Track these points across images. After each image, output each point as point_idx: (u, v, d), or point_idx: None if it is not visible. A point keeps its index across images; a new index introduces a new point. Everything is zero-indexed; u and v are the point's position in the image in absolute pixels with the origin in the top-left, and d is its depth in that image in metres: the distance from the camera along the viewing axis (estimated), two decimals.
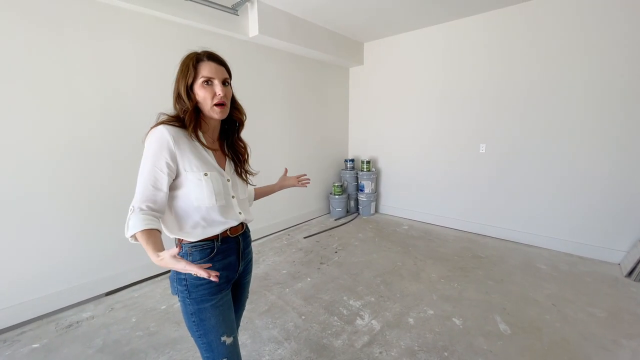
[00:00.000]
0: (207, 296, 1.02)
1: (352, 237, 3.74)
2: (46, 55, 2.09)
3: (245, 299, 1.29)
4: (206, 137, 1.06)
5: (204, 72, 0.97)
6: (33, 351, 1.89)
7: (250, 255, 1.23)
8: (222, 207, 1.04)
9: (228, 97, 1.03)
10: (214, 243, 1.04)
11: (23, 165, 2.06)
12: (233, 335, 1.08)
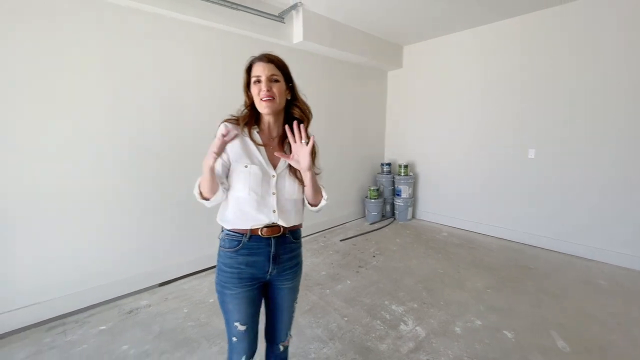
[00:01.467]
0: (228, 284, 1.10)
1: (389, 242, 3.69)
2: (119, 64, 2.31)
3: (286, 307, 1.20)
4: (262, 134, 1.13)
5: (254, 72, 1.07)
6: (101, 332, 2.08)
7: (289, 263, 1.16)
8: (256, 202, 1.07)
9: (277, 92, 1.06)
10: (242, 237, 1.09)
11: (95, 164, 2.30)
12: (247, 325, 1.13)
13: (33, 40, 1.98)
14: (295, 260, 1.18)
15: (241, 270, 1.09)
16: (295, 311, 1.26)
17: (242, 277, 1.09)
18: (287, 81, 1.12)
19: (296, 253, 1.20)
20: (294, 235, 1.18)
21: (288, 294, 1.19)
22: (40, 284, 2.15)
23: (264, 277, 1.13)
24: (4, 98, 1.92)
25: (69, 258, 2.25)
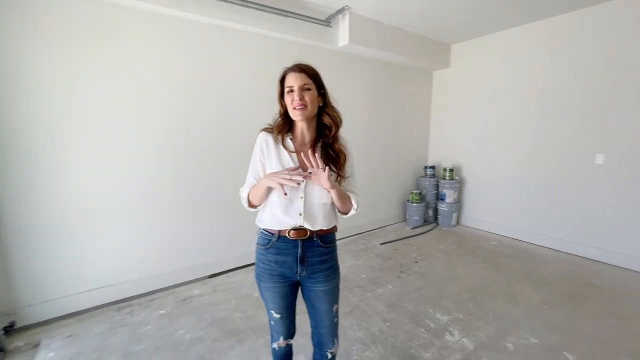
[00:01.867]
0: (262, 278, 1.22)
1: (432, 248, 3.57)
2: (179, 72, 2.54)
3: (324, 310, 1.22)
4: (295, 140, 1.19)
5: (287, 82, 1.13)
6: (161, 316, 2.29)
7: (319, 267, 1.18)
8: (285, 205, 1.13)
9: (309, 100, 1.10)
10: (272, 237, 1.17)
11: (158, 165, 2.53)
12: (281, 314, 1.24)
13: (104, 53, 2.25)
14: (326, 265, 1.19)
15: (272, 267, 1.18)
16: (337, 317, 1.26)
17: (272, 274, 1.18)
18: (319, 89, 1.16)
19: (327, 257, 1.20)
20: (323, 239, 1.19)
21: (323, 297, 1.20)
22: (112, 269, 2.43)
23: (294, 277, 1.19)
24: (86, 109, 2.20)
25: (135, 248, 2.51)
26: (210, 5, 2.44)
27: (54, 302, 2.22)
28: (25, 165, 2.04)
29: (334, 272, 1.23)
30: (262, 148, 1.18)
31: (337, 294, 1.25)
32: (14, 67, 1.95)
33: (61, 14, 2.04)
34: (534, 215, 3.63)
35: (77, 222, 2.25)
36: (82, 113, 2.18)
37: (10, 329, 2.06)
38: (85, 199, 2.26)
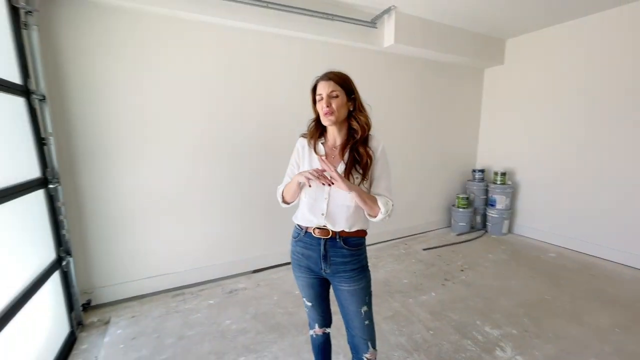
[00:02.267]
0: (293, 266, 1.34)
1: (480, 257, 3.35)
2: (228, 78, 2.70)
3: (352, 311, 1.23)
4: (326, 143, 1.27)
5: (318, 90, 1.20)
6: (209, 306, 2.45)
7: (343, 267, 1.20)
8: (310, 204, 1.23)
9: (336, 107, 1.16)
10: (301, 231, 1.28)
11: (206, 165, 2.72)
12: (312, 302, 1.35)
13: (162, 64, 2.46)
14: (349, 267, 1.21)
15: (300, 259, 1.29)
16: (368, 320, 1.25)
17: (300, 265, 1.30)
18: (349, 94, 1.20)
19: (351, 260, 1.21)
20: (347, 241, 1.21)
21: (349, 297, 1.22)
22: (168, 259, 2.65)
23: (320, 272, 1.27)
24: (150, 119, 2.44)
25: (188, 242, 2.71)
26: (259, 13, 2.56)
27: (121, 286, 2.49)
28: (102, 167, 2.32)
29: (360, 274, 1.23)
30: (298, 152, 1.32)
31: (365, 296, 1.24)
32: (94, 78, 2.23)
33: (127, 28, 2.29)
34: (605, 227, 3.23)
35: (142, 216, 2.50)
36: (146, 122, 2.42)
37: (87, 306, 2.36)
38: (149, 197, 2.51)
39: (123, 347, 1.98)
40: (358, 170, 1.18)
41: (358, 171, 1.18)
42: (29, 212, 1.74)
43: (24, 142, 1.74)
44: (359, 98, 1.22)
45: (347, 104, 1.19)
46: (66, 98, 2.15)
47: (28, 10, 1.76)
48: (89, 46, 2.17)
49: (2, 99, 1.55)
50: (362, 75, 3.27)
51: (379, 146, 1.23)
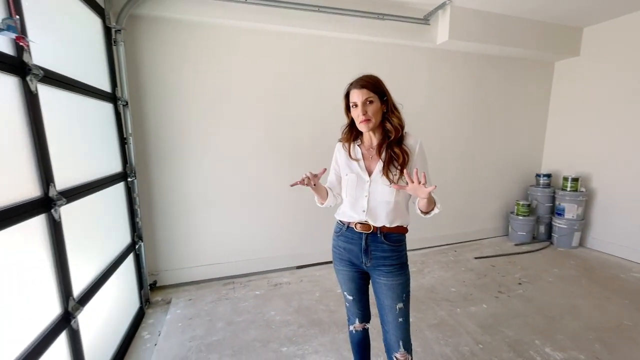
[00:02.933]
0: (335, 261, 1.40)
1: (543, 271, 3.03)
2: (281, 80, 2.83)
3: (387, 305, 1.25)
4: (363, 145, 1.33)
5: (351, 98, 1.24)
6: (256, 296, 2.60)
7: (382, 262, 1.24)
8: (352, 203, 1.29)
9: (372, 113, 1.20)
10: (343, 226, 1.34)
11: (262, 163, 2.88)
12: (353, 296, 1.38)
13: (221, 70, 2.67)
14: (389, 261, 1.25)
15: (341, 253, 1.35)
16: (402, 319, 1.25)
17: (342, 259, 1.36)
18: (382, 97, 1.22)
19: (391, 255, 1.25)
20: (387, 237, 1.25)
21: (386, 291, 1.25)
22: (221, 250, 2.88)
23: (360, 265, 1.31)
24: (209, 120, 2.67)
25: (238, 235, 2.91)
26: (311, 18, 2.64)
27: (181, 271, 2.77)
28: (170, 163, 2.61)
29: (399, 270, 1.25)
30: (336, 157, 1.41)
31: (402, 293, 1.25)
32: (166, 85, 2.52)
33: (195, 40, 2.54)
34: None
35: (201, 209, 2.75)
36: (209, 123, 2.66)
37: (153, 286, 2.67)
38: (208, 191, 2.75)
39: (181, 325, 2.21)
40: (396, 167, 1.22)
41: (396, 167, 1.22)
42: (114, 201, 2.04)
43: (111, 141, 2.05)
44: (391, 99, 1.25)
45: (381, 107, 1.22)
46: (143, 103, 2.47)
47: (117, 29, 2.07)
48: (162, 57, 2.46)
49: (98, 106, 1.86)
50: (411, 74, 3.20)
51: (416, 143, 1.25)
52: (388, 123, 1.23)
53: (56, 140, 1.31)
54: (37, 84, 1.18)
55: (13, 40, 1.06)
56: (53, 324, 1.23)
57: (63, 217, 1.31)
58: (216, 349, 1.95)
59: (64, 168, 1.37)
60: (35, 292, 1.16)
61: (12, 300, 1.04)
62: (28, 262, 1.14)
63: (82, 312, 1.41)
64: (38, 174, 1.18)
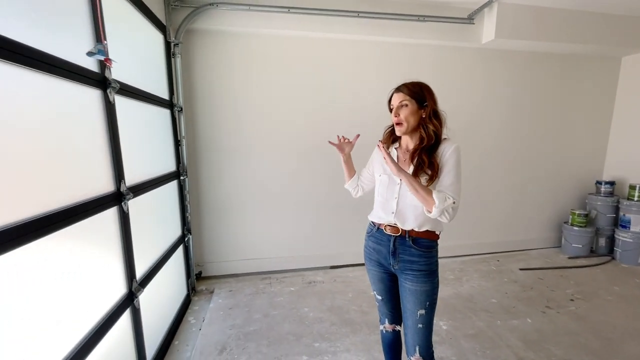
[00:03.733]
0: (365, 260, 1.45)
1: (600, 288, 2.75)
2: (321, 85, 2.92)
3: (409, 309, 1.26)
4: (400, 148, 1.36)
5: (391, 102, 1.31)
6: (291, 292, 2.71)
7: (409, 265, 1.25)
8: (382, 203, 1.33)
9: (404, 116, 1.24)
10: (373, 227, 1.38)
11: (303, 164, 2.99)
12: (382, 296, 1.42)
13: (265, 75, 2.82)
14: (416, 266, 1.25)
15: (371, 252, 1.40)
16: (422, 325, 1.25)
17: (371, 259, 1.40)
18: (421, 103, 1.24)
19: (419, 260, 1.25)
20: (416, 241, 1.26)
21: (409, 296, 1.27)
22: (260, 246, 3.04)
23: (389, 267, 1.33)
24: (255, 122, 2.84)
25: (276, 233, 3.05)
26: (352, 23, 2.69)
27: (223, 263, 2.98)
28: (216, 163, 2.83)
29: (426, 277, 1.25)
30: (373, 156, 1.48)
31: (425, 300, 1.24)
32: (214, 91, 2.74)
33: (240, 49, 2.72)
34: None
35: (243, 207, 2.94)
36: (252, 127, 2.84)
37: (198, 276, 2.91)
38: (250, 191, 2.93)
39: (222, 314, 2.39)
40: (427, 172, 1.21)
41: (427, 173, 1.21)
42: (169, 197, 2.27)
43: (168, 143, 2.29)
44: (433, 106, 1.24)
45: (418, 112, 1.24)
46: (194, 108, 2.71)
47: (176, 43, 2.31)
48: (211, 66, 2.69)
49: (159, 112, 2.10)
50: (453, 75, 3.11)
51: (449, 148, 1.22)
52: (423, 130, 1.24)
53: (126, 142, 1.52)
54: (115, 95, 1.38)
55: (99, 60, 1.26)
56: (120, 301, 1.43)
57: (130, 209, 1.52)
58: (253, 338, 2.08)
59: (131, 167, 1.58)
60: (108, 272, 1.36)
61: (91, 277, 1.24)
62: (104, 247, 1.34)
63: (142, 293, 1.60)
64: (113, 172, 1.39)
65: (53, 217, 1.00)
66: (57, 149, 1.06)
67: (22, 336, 0.90)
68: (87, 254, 1.21)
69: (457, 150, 1.22)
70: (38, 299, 0.96)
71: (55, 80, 1.06)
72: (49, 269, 1.01)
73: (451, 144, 1.23)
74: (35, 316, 0.95)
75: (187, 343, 2.06)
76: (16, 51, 0.88)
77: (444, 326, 2.18)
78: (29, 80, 0.95)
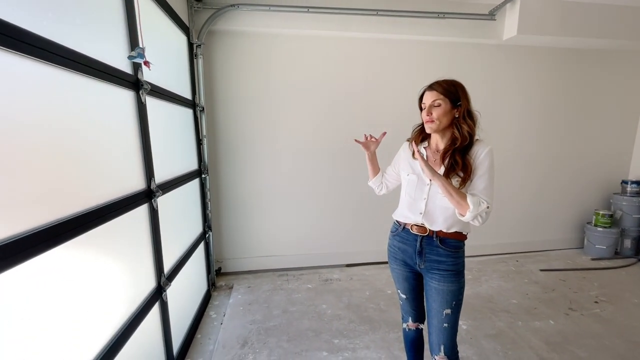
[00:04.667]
0: (390, 259, 1.44)
1: (627, 290, 2.67)
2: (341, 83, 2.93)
3: (434, 308, 1.26)
4: (429, 148, 1.32)
5: (423, 99, 1.26)
6: (308, 289, 2.74)
7: (436, 265, 1.25)
8: (410, 203, 1.31)
9: (436, 116, 1.20)
10: (399, 227, 1.37)
11: (319, 163, 3.01)
12: (406, 295, 1.42)
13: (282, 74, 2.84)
14: (443, 266, 1.24)
15: (395, 252, 1.39)
16: (447, 324, 1.25)
17: (396, 258, 1.39)
18: (454, 102, 1.20)
19: (446, 260, 1.24)
20: (443, 242, 1.25)
21: (435, 295, 1.26)
22: (277, 243, 3.08)
23: (414, 266, 1.33)
24: (272, 122, 2.88)
25: (293, 231, 3.08)
26: (370, 21, 2.69)
27: (241, 260, 3.04)
28: (236, 162, 2.88)
29: (453, 277, 1.24)
30: (399, 154, 1.45)
31: (451, 300, 1.24)
32: (234, 92, 2.78)
33: (259, 49, 2.76)
34: None
35: (261, 205, 2.99)
36: (270, 126, 2.88)
37: (218, 272, 2.98)
38: (268, 189, 2.97)
39: (242, 309, 2.44)
40: (459, 174, 1.18)
41: (459, 175, 1.18)
42: (192, 195, 2.34)
43: (190, 143, 2.35)
44: (466, 106, 1.21)
45: (451, 111, 1.20)
46: (215, 107, 2.76)
47: (198, 45, 2.37)
48: (231, 66, 2.73)
49: (182, 112, 2.16)
50: (471, 73, 3.06)
51: (482, 150, 1.20)
52: (456, 130, 1.21)
53: (155, 142, 1.57)
54: (146, 96, 1.43)
55: (133, 62, 1.31)
56: (150, 294, 1.49)
57: (158, 206, 1.57)
58: (274, 334, 2.12)
59: (160, 165, 1.63)
60: (140, 267, 1.42)
61: (125, 271, 1.30)
62: (136, 243, 1.39)
63: (169, 287, 1.66)
64: (144, 170, 1.44)
65: (91, 214, 1.05)
66: (96, 148, 1.11)
67: (68, 325, 0.96)
68: (121, 248, 1.27)
69: (491, 152, 1.19)
70: (79, 293, 1.01)
71: (94, 82, 1.11)
72: (87, 264, 1.07)
73: (485, 146, 1.20)
74: (78, 307, 1.00)
75: (209, 337, 2.12)
76: (61, 54, 0.93)
77: (463, 326, 2.17)
78: (70, 82, 0.99)
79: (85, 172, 1.05)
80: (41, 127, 0.87)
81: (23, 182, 0.80)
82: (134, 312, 1.32)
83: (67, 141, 0.97)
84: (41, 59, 0.85)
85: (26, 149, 0.82)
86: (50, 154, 0.90)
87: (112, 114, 1.22)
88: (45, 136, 0.88)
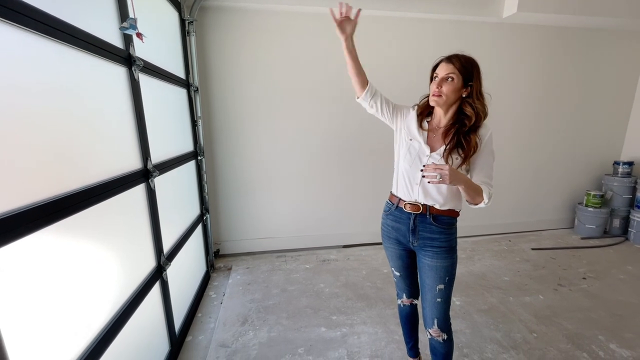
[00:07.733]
0: (383, 238, 1.45)
1: (613, 267, 2.77)
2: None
3: (428, 284, 1.29)
4: (431, 122, 1.29)
5: (437, 70, 1.21)
6: (306, 269, 2.79)
7: (429, 242, 1.26)
8: (407, 172, 1.27)
9: (446, 90, 1.16)
10: (392, 206, 1.37)
11: (316, 145, 2.99)
12: (400, 273, 1.45)
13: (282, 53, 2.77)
14: (437, 243, 1.26)
15: (389, 231, 1.39)
16: (441, 299, 1.28)
17: (389, 237, 1.40)
18: (467, 80, 1.16)
19: (439, 237, 1.26)
20: (437, 218, 1.26)
21: (429, 271, 1.28)
22: (275, 225, 3.10)
23: (408, 244, 1.34)
24: (275, 104, 2.82)
25: (290, 212, 3.10)
26: None
27: (239, 242, 3.07)
28: (233, 143, 2.85)
29: (445, 253, 1.26)
30: (403, 111, 1.37)
31: (444, 276, 1.26)
32: (230, 71, 2.71)
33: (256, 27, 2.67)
34: None
35: (259, 187, 2.99)
36: (267, 107, 2.83)
37: (216, 254, 3.01)
38: (265, 171, 2.96)
39: (242, 289, 2.48)
40: (460, 154, 1.18)
41: (460, 155, 1.18)
42: (188, 176, 2.32)
43: (185, 123, 2.31)
44: (478, 86, 1.18)
45: (460, 90, 1.17)
46: (209, 87, 2.70)
47: (190, 21, 2.28)
48: (226, 45, 2.65)
49: (176, 91, 2.11)
50: (472, 52, 3.00)
51: (486, 134, 1.21)
52: (469, 107, 1.17)
53: (149, 121, 1.54)
54: (139, 73, 1.39)
55: (122, 36, 1.26)
56: (151, 274, 1.50)
57: (156, 187, 1.56)
58: (273, 311, 2.17)
59: (155, 145, 1.61)
60: (139, 246, 1.43)
61: (125, 250, 1.30)
62: (135, 222, 1.39)
63: (169, 267, 1.68)
64: (140, 149, 1.42)
65: (86, 192, 1.03)
66: (90, 125, 1.09)
67: (68, 303, 0.96)
68: (121, 228, 1.27)
69: (492, 136, 1.21)
70: (79, 271, 1.02)
71: (84, 56, 1.07)
72: (89, 241, 1.06)
73: (488, 129, 1.21)
74: (78, 285, 1.01)
75: (209, 315, 2.17)
76: (53, 26, 0.89)
77: (457, 302, 2.24)
78: (57, 54, 0.95)
79: (78, 150, 1.03)
80: (28, 102, 0.83)
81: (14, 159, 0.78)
82: (135, 291, 1.34)
83: (60, 118, 0.94)
84: (25, 27, 0.80)
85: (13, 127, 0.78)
86: (39, 131, 0.87)
87: (104, 90, 1.19)
88: (33, 111, 0.84)
